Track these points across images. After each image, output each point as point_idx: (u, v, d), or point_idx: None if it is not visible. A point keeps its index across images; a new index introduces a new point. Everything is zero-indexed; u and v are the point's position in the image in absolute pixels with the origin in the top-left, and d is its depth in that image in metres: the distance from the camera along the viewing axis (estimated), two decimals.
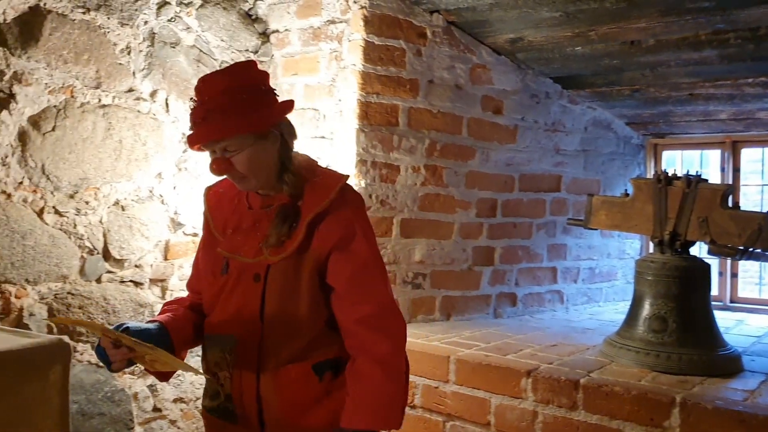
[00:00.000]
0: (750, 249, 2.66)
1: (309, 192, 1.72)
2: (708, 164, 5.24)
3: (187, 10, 3.12)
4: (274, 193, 1.76)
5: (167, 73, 3.05)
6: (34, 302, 2.65)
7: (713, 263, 3.35)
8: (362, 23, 3.11)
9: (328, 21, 3.24)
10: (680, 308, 2.76)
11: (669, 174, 2.91)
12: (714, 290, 4.04)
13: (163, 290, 3.07)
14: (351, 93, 3.13)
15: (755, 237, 2.62)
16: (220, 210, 1.86)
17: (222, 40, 3.28)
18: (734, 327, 3.65)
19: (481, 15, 3.22)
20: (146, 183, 2.99)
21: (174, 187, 3.09)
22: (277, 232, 1.69)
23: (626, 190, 3.12)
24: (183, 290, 3.11)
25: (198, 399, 3.22)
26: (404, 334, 1.78)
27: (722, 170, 4.38)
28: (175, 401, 3.14)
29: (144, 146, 2.97)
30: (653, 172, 4.04)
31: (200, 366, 1.91)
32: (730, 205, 2.79)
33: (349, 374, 1.74)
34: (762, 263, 3.43)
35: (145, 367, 1.75)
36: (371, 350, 1.71)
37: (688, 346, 2.70)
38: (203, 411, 1.90)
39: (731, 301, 4.28)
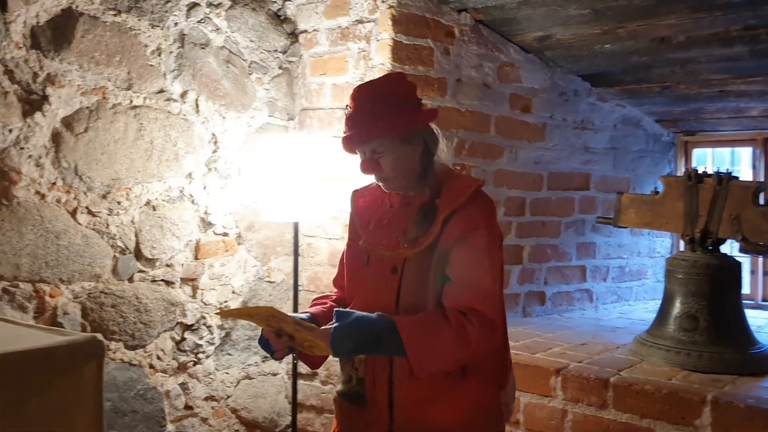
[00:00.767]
0: None
1: (446, 193, 1.84)
2: (739, 162, 5.16)
3: (217, 12, 3.15)
4: (414, 194, 1.89)
5: (197, 74, 3.09)
6: (68, 301, 2.70)
7: (745, 261, 3.31)
8: (390, 23, 3.12)
9: (356, 21, 3.25)
10: (711, 307, 2.73)
11: (699, 171, 2.88)
12: (746, 289, 3.99)
13: (194, 289, 3.10)
14: None
15: None
16: (365, 211, 2.01)
17: (251, 41, 3.31)
18: (766, 326, 3.59)
19: (509, 13, 3.21)
20: (177, 183, 3.03)
21: (204, 187, 3.13)
22: (417, 229, 1.83)
23: (656, 188, 3.09)
24: (214, 289, 3.16)
25: (229, 397, 3.26)
26: (494, 328, 1.80)
27: (754, 167, 4.31)
28: (206, 399, 3.18)
29: (174, 147, 3.01)
30: (683, 170, 3.99)
31: None
32: (762, 203, 2.76)
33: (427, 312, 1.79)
34: None
35: (298, 355, 1.90)
36: (459, 322, 1.73)
37: (720, 345, 2.67)
38: (336, 396, 1.99)
39: (763, 300, 4.21)
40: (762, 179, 4.17)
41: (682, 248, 3.00)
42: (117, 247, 2.84)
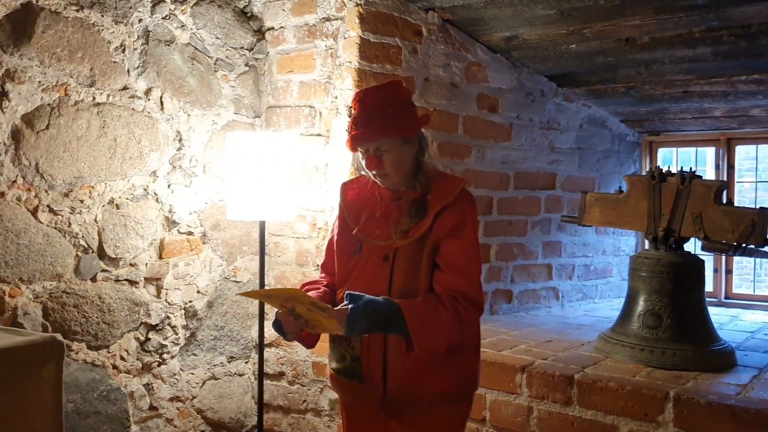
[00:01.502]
0: (743, 245, 2.66)
1: (435, 190, 2.03)
2: (704, 162, 5.25)
3: (182, 8, 3.12)
4: (405, 189, 2.07)
5: (162, 71, 3.05)
6: (29, 301, 2.64)
7: (708, 260, 3.36)
8: (357, 21, 3.11)
9: (324, 18, 3.24)
10: (674, 304, 2.77)
11: (663, 171, 2.92)
12: (709, 287, 4.06)
13: (158, 289, 3.07)
14: (347, 90, 3.13)
15: (748, 233, 2.63)
16: (355, 203, 2.17)
17: (217, 38, 3.28)
18: (728, 323, 3.66)
19: (476, 13, 3.22)
20: (141, 181, 2.99)
21: (168, 186, 3.09)
22: (409, 221, 2.02)
23: (620, 187, 3.12)
24: (178, 289, 3.13)
25: (195, 398, 3.22)
26: (481, 309, 2.04)
27: (717, 167, 4.39)
28: (172, 400, 3.14)
29: (138, 144, 2.97)
30: (648, 169, 4.04)
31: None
32: (724, 202, 2.80)
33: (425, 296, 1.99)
34: (756, 259, 3.43)
35: (299, 335, 2.03)
36: (454, 307, 1.94)
37: (682, 342, 2.71)
38: (332, 373, 2.17)
39: (726, 298, 4.29)
40: (725, 178, 4.25)
41: (647, 247, 3.03)
42: (79, 246, 2.79)
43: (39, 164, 2.65)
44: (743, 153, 4.63)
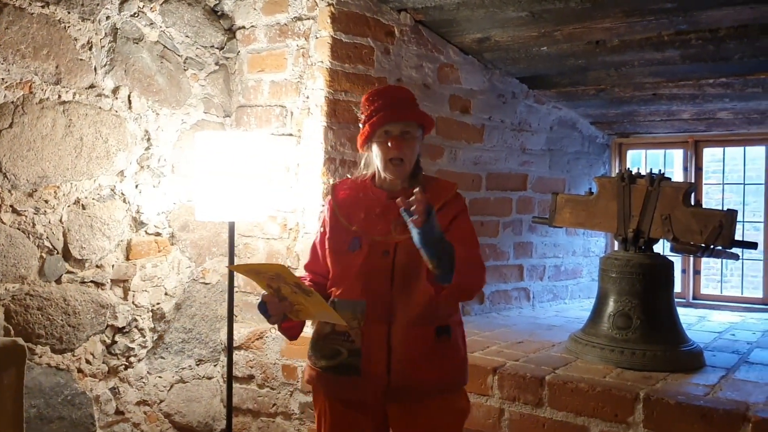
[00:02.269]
0: (711, 246, 2.69)
1: (432, 190, 2.09)
2: (672, 163, 5.32)
3: (151, 6, 3.07)
4: (400, 189, 2.12)
5: (130, 70, 3.00)
6: None
7: (676, 261, 3.39)
8: (329, 20, 3.09)
9: (295, 18, 3.21)
10: (644, 305, 2.79)
11: (633, 172, 2.94)
12: (677, 287, 4.11)
13: (125, 291, 3.01)
14: (318, 90, 3.11)
15: (716, 234, 2.66)
16: (347, 202, 2.21)
17: (187, 36, 3.23)
18: (697, 323, 3.70)
19: (449, 14, 3.22)
20: (108, 181, 2.93)
21: (136, 186, 3.03)
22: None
23: (590, 189, 3.14)
24: (146, 291, 3.08)
25: (162, 401, 3.17)
26: (484, 279, 2.14)
27: (685, 169, 4.44)
28: (138, 404, 3.09)
29: (105, 144, 2.91)
30: (618, 171, 4.08)
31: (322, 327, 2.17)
32: (692, 203, 2.83)
33: None
34: (723, 260, 3.47)
35: (281, 325, 2.10)
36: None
37: (652, 343, 2.73)
38: (316, 373, 2.16)
39: (694, 298, 4.34)
40: (693, 180, 4.30)
41: (616, 248, 3.05)
42: (44, 248, 2.73)
43: (2, 163, 2.58)
44: (710, 155, 4.69)
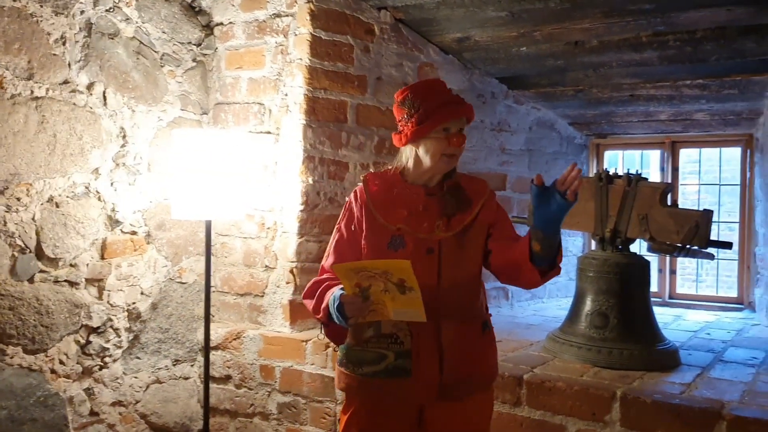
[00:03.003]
0: (687, 246, 2.71)
1: (469, 186, 2.15)
2: (648, 164, 5.36)
3: (127, 0, 3.02)
4: (434, 185, 2.14)
5: (105, 65, 2.95)
6: None
7: (653, 260, 3.41)
8: (308, 17, 3.07)
9: (274, 14, 3.19)
10: (621, 304, 2.80)
11: (610, 173, 2.95)
12: (654, 287, 4.14)
13: (100, 290, 2.96)
14: (297, 88, 3.09)
15: (692, 234, 2.68)
16: (381, 196, 2.17)
17: (163, 32, 3.19)
18: (673, 322, 3.73)
19: (429, 13, 3.21)
20: (82, 179, 2.89)
21: (111, 184, 2.99)
22: (456, 207, 2.11)
23: None
24: (121, 290, 3.03)
25: (138, 402, 3.13)
26: None
27: (662, 170, 4.48)
28: (114, 405, 3.04)
29: (80, 141, 2.87)
30: (595, 171, 4.10)
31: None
32: (669, 203, 2.85)
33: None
34: (699, 260, 3.50)
35: (327, 329, 2.11)
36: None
37: (629, 342, 2.74)
38: (359, 380, 2.10)
39: (670, 297, 4.38)
40: (669, 181, 4.33)
41: (594, 247, 3.07)
42: (16, 246, 2.68)
43: None
44: (687, 156, 4.73)
